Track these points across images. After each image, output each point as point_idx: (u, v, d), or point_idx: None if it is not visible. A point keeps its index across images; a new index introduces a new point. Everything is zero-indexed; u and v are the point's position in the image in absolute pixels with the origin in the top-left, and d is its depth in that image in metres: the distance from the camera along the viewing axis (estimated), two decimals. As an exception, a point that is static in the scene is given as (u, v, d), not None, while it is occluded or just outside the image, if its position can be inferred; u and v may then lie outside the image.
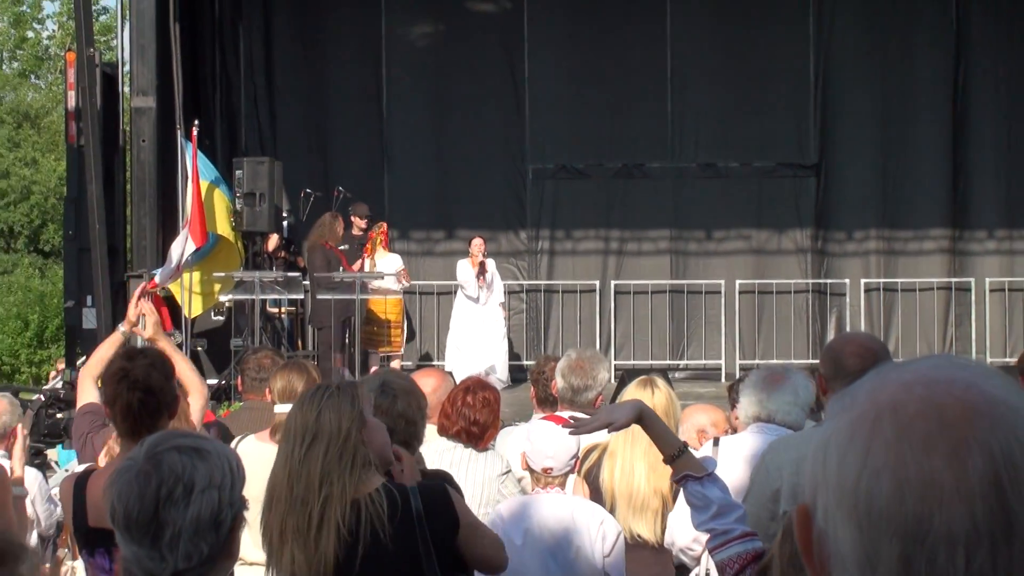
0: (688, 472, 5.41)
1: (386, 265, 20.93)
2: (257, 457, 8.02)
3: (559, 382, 8.84)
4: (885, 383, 1.81)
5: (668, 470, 7.83)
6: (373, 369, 20.43)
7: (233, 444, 8.23)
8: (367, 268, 20.86)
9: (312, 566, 5.42)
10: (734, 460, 7.44)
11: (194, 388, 7.82)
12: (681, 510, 7.65)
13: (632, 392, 8.35)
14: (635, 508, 7.93)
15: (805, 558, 1.84)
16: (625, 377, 10.17)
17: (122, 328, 8.37)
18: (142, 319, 7.93)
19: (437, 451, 7.52)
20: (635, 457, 8.06)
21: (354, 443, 5.42)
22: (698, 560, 7.59)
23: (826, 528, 1.79)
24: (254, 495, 7.86)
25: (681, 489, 5.52)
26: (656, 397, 8.21)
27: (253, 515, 6.94)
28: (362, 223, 20.83)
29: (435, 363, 21.07)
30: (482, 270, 20.62)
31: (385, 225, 21.47)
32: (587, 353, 9.22)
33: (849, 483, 1.75)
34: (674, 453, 5.44)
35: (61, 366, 24.76)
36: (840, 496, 1.76)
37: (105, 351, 7.82)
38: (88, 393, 7.74)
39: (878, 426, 1.75)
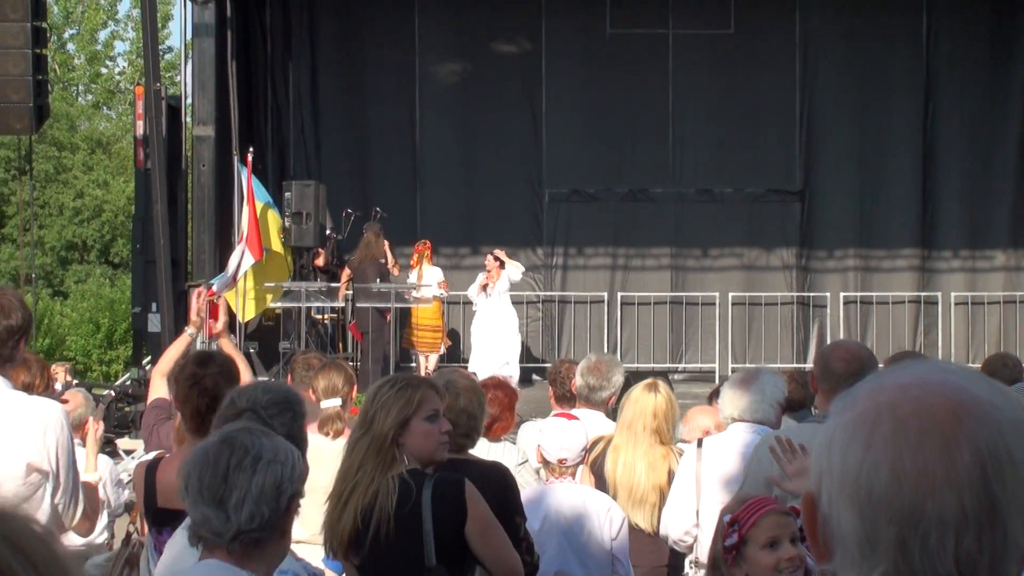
0: None
1: (430, 276, 21.01)
2: (312, 450, 8.08)
3: (578, 380, 8.87)
4: (883, 386, 1.83)
5: (665, 469, 7.87)
6: (424, 368, 20.78)
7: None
8: (412, 280, 20.97)
9: (333, 540, 5.51)
10: (718, 456, 7.44)
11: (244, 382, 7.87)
12: (673, 506, 7.67)
13: (637, 393, 8.35)
14: (635, 500, 7.96)
15: (810, 539, 1.86)
16: (630, 379, 10.15)
17: (189, 330, 8.38)
18: (211, 323, 7.93)
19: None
20: (637, 456, 8.10)
21: (391, 441, 5.43)
22: (691, 549, 7.61)
23: (830, 513, 1.81)
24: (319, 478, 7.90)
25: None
26: (658, 399, 8.24)
27: (307, 502, 6.98)
28: (380, 244, 20.86)
29: (462, 363, 21.02)
30: (488, 282, 20.69)
31: (429, 242, 21.51)
32: (605, 357, 9.26)
33: (851, 473, 1.78)
34: None
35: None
36: (843, 485, 1.79)
37: (174, 351, 7.83)
38: (158, 389, 7.74)
39: (877, 424, 1.78)
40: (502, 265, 20.63)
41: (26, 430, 5.67)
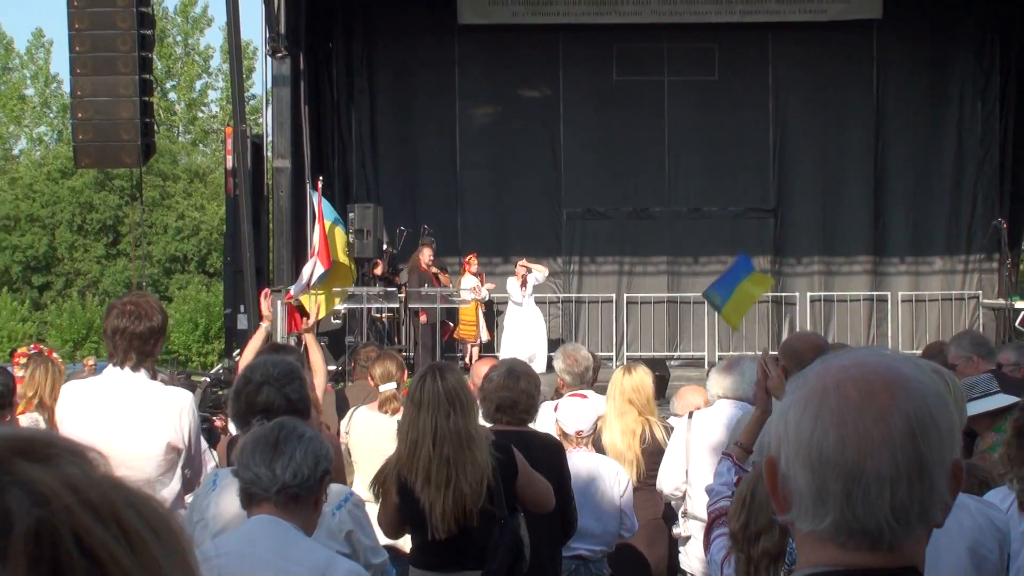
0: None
1: (465, 284, 21.06)
2: (368, 423, 8.09)
3: (565, 378, 8.71)
4: (830, 367, 1.86)
5: (638, 438, 7.93)
6: (468, 354, 21.24)
7: (350, 412, 8.27)
8: (452, 286, 21.08)
9: (450, 500, 5.47)
10: (706, 427, 7.42)
11: (319, 370, 7.82)
12: (667, 467, 7.67)
13: (617, 376, 8.38)
14: (619, 459, 7.95)
15: (771, 495, 1.88)
16: (598, 357, 10.28)
17: (264, 324, 8.36)
18: (305, 320, 7.92)
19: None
20: (619, 424, 8.13)
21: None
22: (682, 499, 7.61)
23: (787, 472, 1.84)
24: (366, 449, 7.89)
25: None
26: (633, 378, 8.27)
27: (367, 465, 6.97)
28: (427, 255, 20.89)
29: (494, 354, 20.99)
30: (524, 282, 20.70)
31: (473, 256, 21.59)
32: (568, 347, 9.20)
33: (804, 439, 1.80)
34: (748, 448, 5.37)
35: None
36: (797, 449, 1.81)
37: (255, 343, 7.83)
38: None
39: (825, 398, 1.81)
40: (528, 271, 20.67)
41: (165, 414, 5.67)
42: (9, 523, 0.74)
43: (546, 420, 7.95)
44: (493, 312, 23.32)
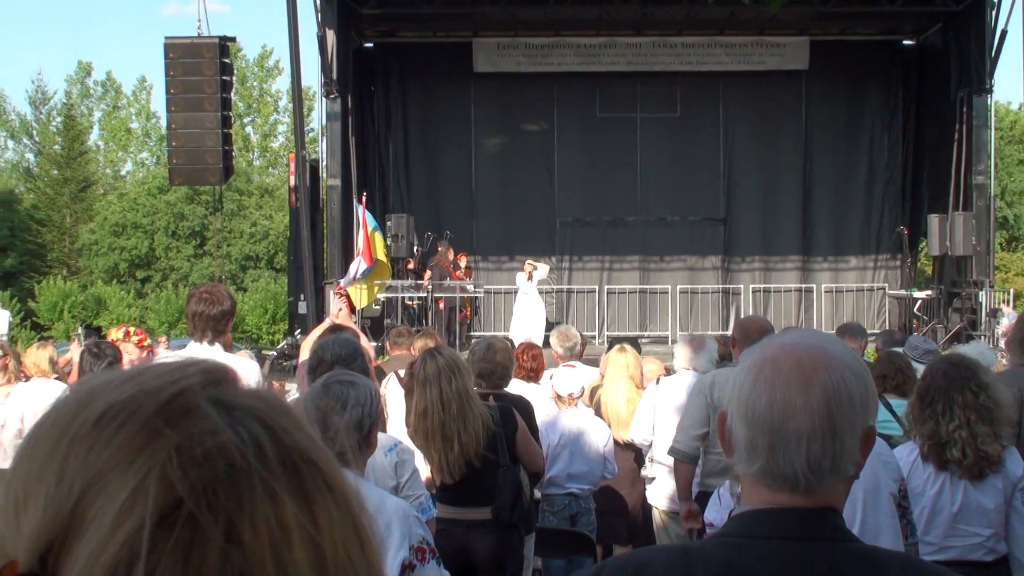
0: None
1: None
2: (399, 387, 8.07)
3: (558, 350, 8.63)
4: (771, 344, 1.87)
5: (636, 401, 7.90)
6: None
7: (388, 377, 8.23)
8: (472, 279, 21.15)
9: (458, 451, 5.46)
10: (670, 391, 7.43)
11: (366, 349, 7.81)
12: (637, 421, 7.67)
13: (613, 355, 8.37)
14: (618, 423, 7.96)
15: (721, 441, 1.89)
16: (612, 342, 10.19)
17: (330, 318, 8.32)
18: (340, 312, 7.89)
19: (516, 387, 7.52)
20: (618, 394, 8.11)
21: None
22: (649, 447, 7.61)
23: (731, 425, 1.84)
24: (398, 406, 7.85)
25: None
26: (627, 357, 8.26)
27: (398, 418, 6.97)
28: (449, 255, 20.87)
29: (500, 333, 21.00)
30: (530, 276, 20.67)
31: (463, 255, 21.78)
32: (562, 328, 9.17)
33: (744, 400, 1.81)
34: None
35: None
36: (739, 407, 1.82)
37: (319, 329, 7.80)
38: (304, 353, 7.73)
39: (763, 368, 1.82)
40: (534, 268, 20.68)
41: None
42: (262, 447, 0.77)
43: (546, 385, 7.97)
44: (492, 304, 23.38)
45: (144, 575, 0.71)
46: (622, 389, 8.08)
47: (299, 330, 19.11)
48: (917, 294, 22.30)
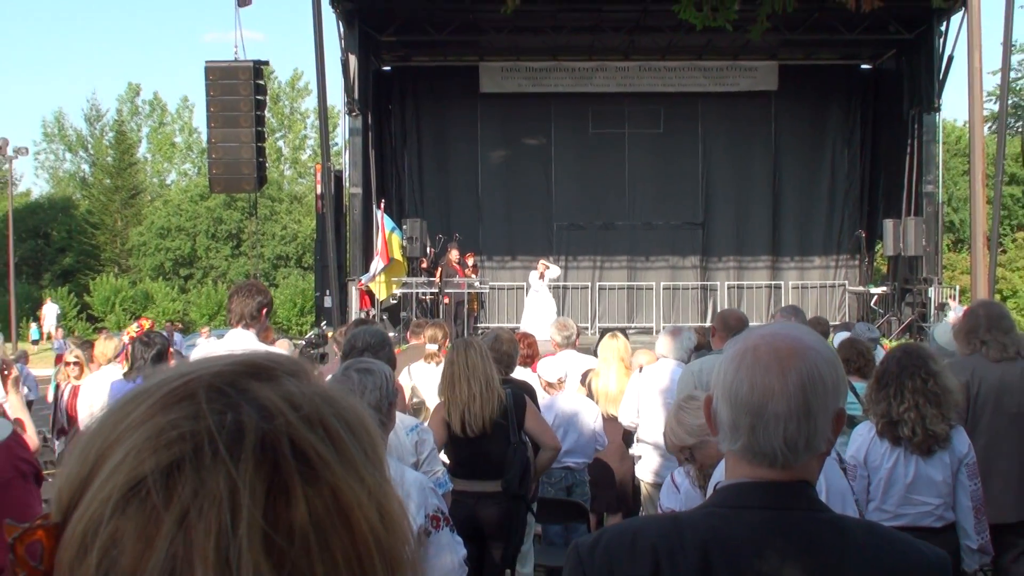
0: None
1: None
2: (424, 372, 8.07)
3: (557, 337, 8.65)
4: (752, 335, 1.87)
5: (626, 382, 7.88)
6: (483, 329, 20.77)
7: (408, 366, 8.18)
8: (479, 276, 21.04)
9: (480, 405, 5.56)
10: (654, 377, 7.41)
11: None
12: (624, 404, 7.65)
13: (607, 341, 8.38)
14: (609, 401, 7.95)
15: (707, 422, 1.89)
16: (603, 332, 10.19)
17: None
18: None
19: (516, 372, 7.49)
20: (610, 376, 8.10)
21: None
22: (635, 429, 7.60)
23: (716, 407, 1.84)
24: (429, 388, 7.79)
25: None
26: (619, 343, 8.26)
27: (432, 398, 6.98)
28: (455, 256, 20.83)
29: (509, 325, 20.99)
30: (542, 275, 20.58)
31: (471, 254, 21.75)
32: (561, 319, 9.17)
33: (728, 385, 1.81)
34: None
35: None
36: (723, 391, 1.82)
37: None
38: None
39: (744, 357, 1.81)
40: (547, 268, 20.62)
41: None
42: (241, 434, 0.73)
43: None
44: (516, 299, 23.35)
45: (107, 538, 0.72)
46: (613, 370, 8.10)
47: (324, 321, 19.10)
48: (874, 290, 22.26)
